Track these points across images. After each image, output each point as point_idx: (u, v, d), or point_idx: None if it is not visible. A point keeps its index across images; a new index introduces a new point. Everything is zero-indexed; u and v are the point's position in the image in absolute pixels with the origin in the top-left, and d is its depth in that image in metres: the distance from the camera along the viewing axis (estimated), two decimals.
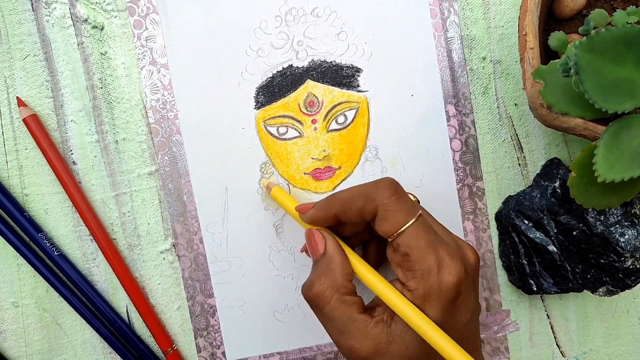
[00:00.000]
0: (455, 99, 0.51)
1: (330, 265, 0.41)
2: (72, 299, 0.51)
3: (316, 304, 0.41)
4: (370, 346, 0.39)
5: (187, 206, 0.51)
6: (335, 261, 0.41)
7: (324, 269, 0.41)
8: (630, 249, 0.46)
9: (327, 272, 0.41)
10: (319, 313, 0.41)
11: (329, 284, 0.40)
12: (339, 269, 0.41)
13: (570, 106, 0.39)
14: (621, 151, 0.36)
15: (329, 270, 0.41)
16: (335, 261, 0.41)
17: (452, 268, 0.38)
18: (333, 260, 0.41)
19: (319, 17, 0.50)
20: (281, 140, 0.51)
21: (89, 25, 0.50)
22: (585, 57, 0.35)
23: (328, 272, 0.41)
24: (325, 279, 0.41)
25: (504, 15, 0.50)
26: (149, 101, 0.50)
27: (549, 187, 0.49)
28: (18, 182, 0.51)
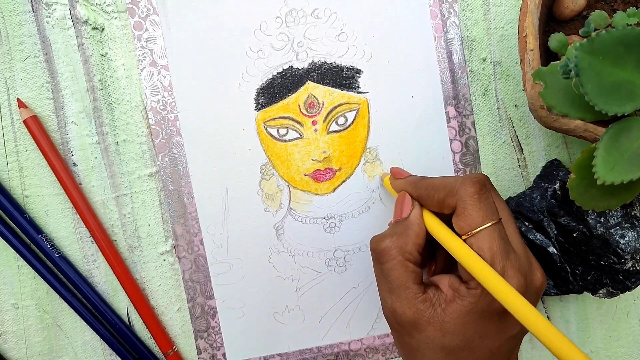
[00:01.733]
0: (456, 100, 0.51)
1: (407, 230, 0.42)
2: (73, 300, 0.51)
3: (379, 258, 0.41)
4: (410, 316, 0.39)
5: (187, 208, 0.51)
6: (412, 228, 0.42)
7: (400, 230, 0.42)
8: (631, 250, 0.46)
9: (402, 234, 0.42)
10: (378, 267, 0.42)
11: (398, 244, 0.41)
12: (413, 236, 0.41)
13: (571, 108, 0.38)
14: (621, 153, 0.36)
15: (404, 233, 0.42)
16: (412, 228, 0.42)
17: (513, 281, 0.37)
18: (411, 226, 0.42)
19: (319, 18, 0.50)
20: (281, 142, 0.51)
21: (89, 27, 0.50)
22: (586, 59, 0.35)
23: (403, 234, 0.42)
24: (397, 238, 0.41)
25: (504, 17, 0.50)
26: (150, 102, 0.50)
27: (549, 188, 0.49)
28: (18, 183, 0.51)
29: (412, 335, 0.39)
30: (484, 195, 0.39)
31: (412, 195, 0.44)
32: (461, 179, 0.40)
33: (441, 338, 0.38)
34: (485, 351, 0.38)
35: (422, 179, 0.44)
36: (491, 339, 0.38)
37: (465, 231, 0.38)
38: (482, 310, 0.38)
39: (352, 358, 0.53)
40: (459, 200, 0.39)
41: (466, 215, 0.38)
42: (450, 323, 0.38)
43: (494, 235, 0.38)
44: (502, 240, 0.38)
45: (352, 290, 0.53)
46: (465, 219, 0.38)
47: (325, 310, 0.53)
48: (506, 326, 0.39)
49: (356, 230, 0.52)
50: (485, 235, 0.38)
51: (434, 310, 0.39)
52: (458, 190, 0.39)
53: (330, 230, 0.52)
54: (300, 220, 0.52)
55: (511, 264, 0.37)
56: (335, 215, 0.52)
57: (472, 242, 0.38)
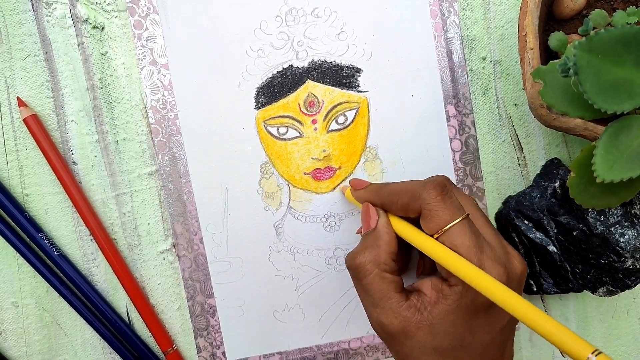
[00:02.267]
0: (455, 99, 0.51)
1: (377, 241, 0.42)
2: (72, 299, 0.51)
3: (356, 274, 0.42)
4: (398, 325, 0.39)
5: (187, 206, 0.51)
6: (382, 238, 0.42)
7: (370, 242, 0.42)
8: (630, 249, 0.46)
9: (373, 246, 0.42)
10: (357, 283, 0.42)
11: (372, 257, 0.41)
12: (385, 246, 0.42)
13: (570, 106, 0.39)
14: (620, 152, 0.36)
15: (375, 245, 0.42)
16: (382, 238, 0.42)
17: (493, 272, 0.37)
18: (380, 237, 0.42)
19: (319, 17, 0.50)
20: (281, 141, 0.51)
21: (89, 26, 0.50)
22: (585, 58, 0.35)
23: (374, 246, 0.42)
24: (369, 252, 0.41)
25: (504, 16, 0.51)
26: (149, 101, 0.50)
27: (549, 187, 0.49)
28: (18, 182, 0.51)
29: (403, 343, 0.39)
30: (447, 195, 0.39)
31: (375, 203, 0.44)
32: (422, 182, 0.40)
33: (432, 340, 0.38)
34: (477, 346, 0.39)
35: (383, 186, 0.44)
36: (482, 333, 0.39)
37: (435, 231, 0.39)
38: (467, 306, 0.38)
39: (351, 357, 0.53)
40: (423, 203, 0.39)
41: (432, 216, 0.39)
42: (438, 324, 0.38)
43: (464, 231, 0.38)
44: (473, 234, 0.38)
45: (352, 289, 0.53)
46: (432, 220, 0.39)
47: (325, 309, 0.53)
48: (495, 319, 0.39)
49: (356, 229, 0.52)
50: (455, 231, 0.38)
51: (421, 315, 0.39)
52: (421, 194, 0.40)
53: (330, 229, 0.52)
54: (300, 218, 0.52)
55: (487, 256, 0.38)
56: (335, 214, 0.52)
57: (443, 240, 0.38)
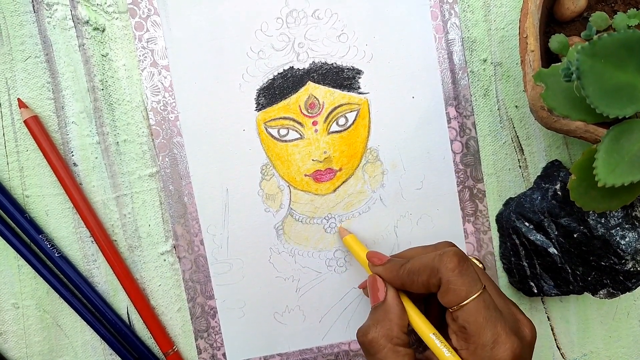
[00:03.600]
0: (456, 101, 0.51)
1: (388, 315, 0.42)
2: (73, 300, 0.51)
3: (369, 350, 0.42)
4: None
5: (187, 208, 0.51)
6: (393, 311, 0.43)
7: (381, 316, 0.43)
8: (631, 251, 0.46)
9: (384, 320, 0.42)
10: (370, 358, 0.42)
11: (384, 332, 0.41)
12: (396, 320, 0.42)
13: (571, 110, 0.38)
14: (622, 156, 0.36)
15: (385, 319, 0.42)
16: (393, 311, 0.43)
17: (508, 344, 0.38)
18: (391, 310, 0.43)
19: (320, 19, 0.50)
20: (282, 142, 0.51)
21: (90, 27, 0.50)
22: (587, 62, 0.35)
23: (385, 320, 0.42)
24: (381, 327, 0.42)
25: (504, 18, 0.50)
26: (150, 103, 0.50)
27: (549, 189, 0.49)
28: (19, 183, 0.51)
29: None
30: (464, 267, 0.40)
31: (395, 283, 0.44)
32: (438, 255, 0.41)
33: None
34: None
35: (402, 266, 0.44)
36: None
37: (452, 305, 0.40)
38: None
39: (352, 358, 0.53)
40: (442, 277, 0.40)
41: (450, 291, 0.39)
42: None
43: (479, 307, 0.39)
44: (488, 309, 0.39)
45: (353, 291, 0.53)
46: (450, 294, 0.39)
47: (325, 311, 0.53)
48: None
49: (357, 230, 0.52)
50: (472, 307, 0.39)
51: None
52: (439, 269, 0.40)
53: (331, 231, 0.52)
54: (300, 220, 0.52)
55: (502, 329, 0.38)
56: (335, 215, 0.52)
57: (458, 315, 0.39)
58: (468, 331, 0.39)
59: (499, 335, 0.38)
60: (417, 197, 0.52)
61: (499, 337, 0.38)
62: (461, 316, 0.39)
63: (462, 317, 0.39)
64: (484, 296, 0.39)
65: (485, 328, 0.38)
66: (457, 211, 0.52)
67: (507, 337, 0.38)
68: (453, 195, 0.52)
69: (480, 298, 0.39)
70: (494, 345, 0.38)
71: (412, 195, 0.52)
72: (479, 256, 0.52)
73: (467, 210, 0.52)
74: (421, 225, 0.52)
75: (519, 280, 0.51)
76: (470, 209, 0.52)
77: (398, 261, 0.44)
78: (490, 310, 0.39)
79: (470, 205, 0.52)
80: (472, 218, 0.52)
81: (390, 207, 0.52)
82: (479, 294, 0.39)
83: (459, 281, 0.39)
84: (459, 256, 0.40)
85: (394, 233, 0.52)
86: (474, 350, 0.39)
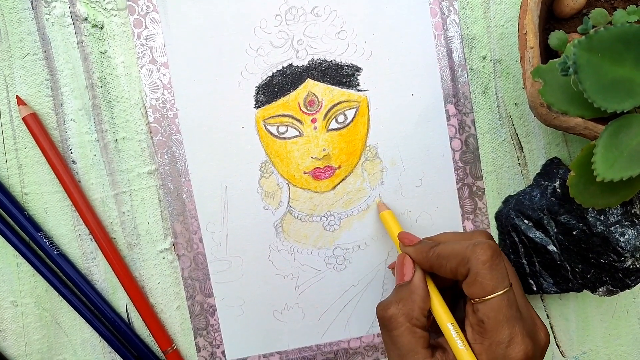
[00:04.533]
0: (455, 98, 0.51)
1: (412, 295, 0.42)
2: (72, 298, 0.51)
3: (387, 325, 0.42)
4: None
5: (186, 205, 0.51)
6: (417, 292, 0.43)
7: (405, 295, 0.43)
8: (630, 248, 0.46)
9: (407, 299, 0.42)
10: (386, 334, 0.42)
11: (405, 310, 0.42)
12: (419, 301, 0.42)
13: (570, 105, 0.38)
14: (620, 150, 0.36)
15: (409, 298, 0.42)
16: (417, 292, 0.43)
17: (522, 345, 0.38)
18: (415, 291, 0.43)
19: (319, 16, 0.50)
20: (281, 140, 0.51)
21: (88, 24, 0.50)
22: (584, 56, 0.35)
23: (408, 300, 0.42)
24: (403, 305, 0.42)
25: (504, 15, 0.50)
26: (149, 100, 0.50)
27: (549, 186, 0.49)
28: (17, 181, 0.51)
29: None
30: (496, 262, 0.40)
31: (423, 265, 0.44)
32: (471, 246, 0.40)
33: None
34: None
35: (432, 248, 0.43)
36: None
37: (475, 297, 0.39)
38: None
39: (351, 356, 0.53)
40: (472, 268, 0.40)
41: (477, 283, 0.39)
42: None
43: (502, 304, 0.39)
44: (510, 308, 0.39)
45: (352, 289, 0.53)
46: (476, 287, 0.39)
47: (324, 308, 0.53)
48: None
49: (356, 228, 0.52)
50: (495, 303, 0.39)
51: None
52: (470, 259, 0.40)
53: (330, 228, 0.52)
54: (299, 218, 0.52)
55: (519, 330, 0.38)
56: (334, 213, 0.52)
57: (479, 308, 0.39)
58: (486, 326, 0.39)
59: (516, 335, 0.38)
60: (417, 194, 0.52)
61: (515, 337, 0.38)
62: (482, 309, 0.39)
63: (482, 310, 0.39)
64: (509, 294, 0.39)
65: (504, 326, 0.38)
66: (457, 209, 0.52)
67: (522, 339, 0.38)
68: (452, 192, 0.52)
69: (505, 295, 0.39)
70: (509, 345, 0.38)
71: (411, 192, 0.52)
72: None
73: (467, 208, 0.52)
74: (420, 223, 0.52)
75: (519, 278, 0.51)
76: (470, 207, 0.52)
77: (429, 243, 0.44)
78: (512, 309, 0.39)
79: (469, 202, 0.52)
80: (471, 215, 0.52)
81: (390, 205, 0.52)
82: (505, 291, 0.39)
83: (487, 275, 0.39)
84: (493, 250, 0.40)
85: None
86: (489, 346, 0.39)
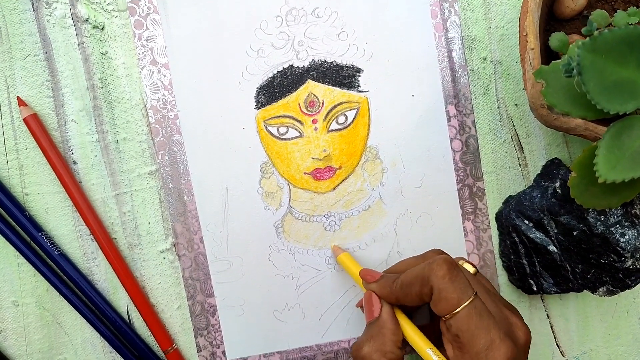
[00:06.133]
0: (456, 99, 0.51)
1: (382, 330, 0.43)
2: (73, 298, 0.51)
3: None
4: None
5: (187, 206, 0.51)
6: (386, 327, 0.43)
7: (375, 332, 0.43)
8: (631, 249, 0.46)
9: (378, 336, 0.43)
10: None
11: (377, 347, 0.42)
12: (389, 335, 0.43)
13: (572, 106, 0.38)
14: (622, 152, 0.36)
15: (379, 334, 0.43)
16: (386, 327, 0.43)
17: (502, 349, 0.38)
18: (385, 326, 0.43)
19: (320, 17, 0.50)
20: (281, 140, 0.51)
21: (89, 25, 0.50)
22: (588, 58, 0.35)
23: (379, 336, 0.43)
24: (374, 342, 0.43)
25: (504, 16, 0.51)
26: (150, 101, 0.50)
27: (549, 187, 0.49)
28: (18, 181, 0.51)
29: None
30: (454, 274, 0.40)
31: (389, 299, 0.44)
32: (428, 264, 0.41)
33: None
34: None
35: (394, 281, 0.44)
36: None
37: (444, 314, 0.40)
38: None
39: None
40: (434, 286, 0.40)
41: (442, 299, 0.40)
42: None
43: (470, 314, 0.39)
44: (480, 316, 0.39)
45: (352, 289, 0.53)
46: (442, 303, 0.40)
47: (325, 308, 0.53)
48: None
49: (356, 228, 0.52)
50: (464, 314, 0.39)
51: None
52: (429, 277, 0.40)
53: (330, 229, 0.52)
54: (300, 218, 0.52)
55: (495, 335, 0.39)
56: (335, 213, 0.52)
57: (451, 323, 0.40)
58: (462, 339, 0.39)
59: (493, 341, 0.38)
60: (417, 195, 0.52)
61: (492, 343, 0.38)
62: (454, 324, 0.39)
63: (455, 325, 0.39)
64: (475, 303, 0.39)
65: (478, 335, 0.38)
66: (457, 209, 0.52)
67: (500, 342, 0.38)
68: (453, 193, 0.52)
69: (471, 305, 0.39)
70: (488, 352, 0.38)
71: (411, 193, 0.52)
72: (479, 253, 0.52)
73: (467, 209, 0.52)
74: (421, 224, 0.52)
75: (519, 278, 0.51)
76: (470, 207, 0.52)
77: (390, 277, 0.45)
78: (482, 317, 0.39)
79: (469, 203, 0.52)
80: (471, 216, 0.52)
81: (390, 206, 0.52)
82: (471, 301, 0.39)
83: (450, 288, 0.39)
84: (448, 263, 0.40)
85: (394, 231, 0.52)
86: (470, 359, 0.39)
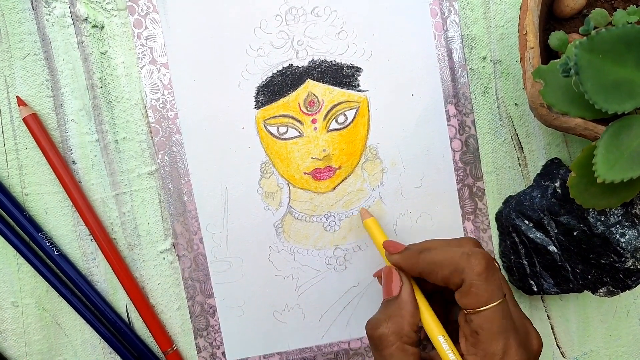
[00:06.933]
0: (456, 99, 0.51)
1: (401, 311, 0.41)
2: (72, 298, 0.51)
3: (377, 345, 0.41)
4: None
5: (187, 206, 0.51)
6: (406, 308, 0.41)
7: (393, 312, 0.41)
8: (631, 249, 0.46)
9: (396, 316, 0.41)
10: (377, 353, 0.41)
11: (394, 328, 0.40)
12: (408, 317, 0.41)
13: (571, 106, 0.38)
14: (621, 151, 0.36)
15: (398, 315, 0.41)
16: (406, 308, 0.41)
17: (517, 357, 0.38)
18: (404, 307, 0.41)
19: (319, 16, 0.50)
20: (281, 140, 0.51)
21: (89, 25, 0.50)
22: (586, 57, 0.34)
23: (396, 316, 0.41)
24: (392, 322, 0.41)
25: (504, 15, 0.50)
26: (149, 100, 0.50)
27: (549, 187, 0.49)
28: (18, 181, 0.51)
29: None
30: (491, 273, 0.39)
31: (412, 272, 0.43)
32: (465, 255, 0.39)
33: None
34: None
35: (421, 254, 0.42)
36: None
37: (469, 308, 0.39)
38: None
39: (351, 357, 0.53)
40: (466, 279, 0.39)
41: (471, 294, 0.38)
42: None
43: (496, 316, 0.38)
44: (504, 319, 0.38)
45: (352, 289, 0.53)
46: (470, 297, 0.38)
47: (325, 309, 0.53)
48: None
49: (356, 228, 0.52)
50: (489, 314, 0.38)
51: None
52: (464, 269, 0.39)
53: (330, 229, 0.52)
54: (300, 218, 0.52)
55: (513, 342, 0.38)
56: (335, 213, 0.52)
57: (473, 319, 0.38)
58: (480, 337, 0.38)
59: (510, 347, 0.38)
60: (417, 195, 0.52)
61: (509, 350, 0.37)
62: (476, 320, 0.38)
63: (477, 321, 0.38)
64: (503, 305, 0.38)
65: (498, 338, 0.37)
66: (457, 209, 0.52)
67: (516, 350, 0.38)
68: (452, 193, 0.52)
69: (499, 306, 0.38)
70: (503, 357, 0.37)
71: (411, 193, 0.52)
72: None
73: (467, 209, 0.52)
74: (420, 224, 0.52)
75: (519, 279, 0.51)
76: (470, 207, 0.52)
77: (416, 249, 0.43)
78: (506, 320, 0.38)
79: (469, 203, 0.52)
80: (471, 216, 0.52)
81: (390, 205, 0.52)
82: (500, 302, 0.38)
83: (482, 286, 0.38)
84: (487, 260, 0.39)
85: (394, 231, 0.52)
86: (482, 357, 0.38)
